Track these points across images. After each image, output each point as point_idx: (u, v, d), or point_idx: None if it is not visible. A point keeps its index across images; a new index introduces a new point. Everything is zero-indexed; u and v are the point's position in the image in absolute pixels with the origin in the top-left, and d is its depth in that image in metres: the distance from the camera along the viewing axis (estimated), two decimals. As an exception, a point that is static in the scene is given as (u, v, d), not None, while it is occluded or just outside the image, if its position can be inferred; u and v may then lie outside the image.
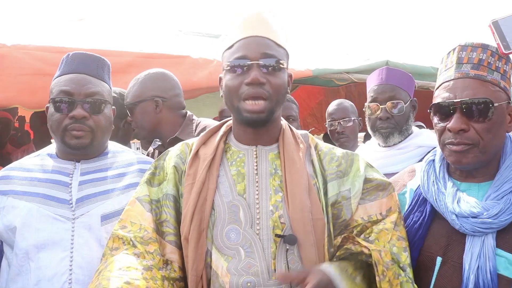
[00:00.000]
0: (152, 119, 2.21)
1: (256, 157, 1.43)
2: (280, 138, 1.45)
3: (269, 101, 1.34)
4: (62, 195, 1.56)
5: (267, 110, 1.34)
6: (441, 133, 1.36)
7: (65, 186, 1.59)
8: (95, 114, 1.61)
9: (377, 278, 1.26)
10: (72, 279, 1.47)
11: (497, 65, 1.33)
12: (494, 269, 1.24)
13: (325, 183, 1.42)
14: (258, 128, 1.41)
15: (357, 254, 1.34)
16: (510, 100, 1.35)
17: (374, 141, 2.30)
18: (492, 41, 1.35)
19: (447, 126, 1.32)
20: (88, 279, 1.44)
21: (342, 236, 1.37)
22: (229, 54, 1.39)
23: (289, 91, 1.44)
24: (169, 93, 2.23)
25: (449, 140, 1.33)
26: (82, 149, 1.61)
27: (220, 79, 1.44)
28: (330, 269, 1.25)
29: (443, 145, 1.37)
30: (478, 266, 1.25)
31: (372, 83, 2.24)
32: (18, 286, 1.49)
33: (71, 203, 1.55)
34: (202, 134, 1.51)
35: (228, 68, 1.36)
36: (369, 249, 1.29)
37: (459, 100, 1.31)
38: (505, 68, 1.34)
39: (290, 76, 1.45)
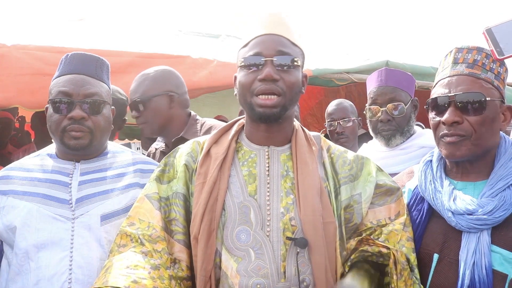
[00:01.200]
0: (165, 114, 2.19)
1: (268, 158, 1.42)
2: (292, 139, 1.44)
3: (282, 97, 1.33)
4: (62, 195, 1.56)
5: (280, 105, 1.33)
6: (436, 127, 1.41)
7: (65, 186, 1.59)
8: (94, 114, 1.60)
9: (394, 277, 1.26)
10: (72, 278, 1.46)
11: (491, 66, 1.38)
12: (489, 264, 1.27)
13: (336, 186, 1.41)
14: (271, 126, 1.40)
15: (369, 256, 1.35)
16: (504, 100, 1.40)
17: (377, 140, 2.30)
18: (486, 47, 1.39)
19: (442, 119, 1.37)
20: (88, 279, 1.46)
21: (357, 239, 1.37)
22: (244, 52, 1.39)
23: (303, 91, 1.43)
24: (180, 89, 2.24)
25: (443, 132, 1.37)
26: (81, 150, 1.61)
27: (235, 78, 1.44)
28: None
29: (438, 139, 1.41)
30: (474, 262, 1.28)
31: (371, 85, 2.24)
32: (18, 285, 1.49)
33: (71, 203, 1.55)
34: (213, 132, 1.50)
35: (243, 64, 1.36)
36: (388, 248, 1.29)
37: (453, 94, 1.36)
38: (499, 70, 1.39)
39: (305, 76, 1.44)
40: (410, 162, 2.01)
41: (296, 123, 1.49)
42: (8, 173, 1.63)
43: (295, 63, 1.35)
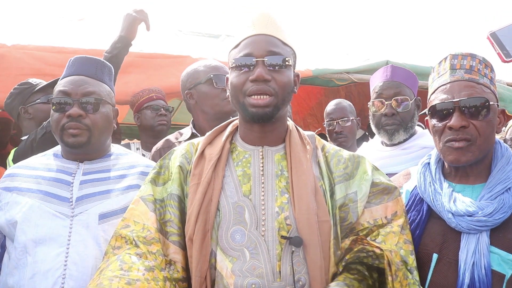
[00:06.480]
0: None
1: (262, 158, 1.42)
2: (286, 139, 1.44)
3: (274, 97, 1.33)
4: (63, 193, 1.60)
5: (273, 105, 1.33)
6: (440, 133, 1.41)
7: (67, 185, 1.62)
8: (92, 112, 1.63)
9: (389, 278, 1.26)
10: (66, 274, 1.48)
11: (485, 72, 1.41)
12: (488, 265, 1.29)
13: (331, 185, 1.40)
14: (264, 126, 1.40)
15: (365, 258, 1.34)
16: (498, 104, 1.42)
17: (378, 139, 2.28)
18: (491, 51, 1.40)
19: (448, 124, 1.37)
20: (82, 276, 1.47)
21: (351, 238, 1.37)
22: (235, 53, 1.39)
23: (296, 90, 1.43)
24: None
25: (450, 137, 1.37)
26: (79, 148, 1.63)
27: (227, 79, 1.44)
28: None
29: (443, 145, 1.40)
30: (474, 262, 1.30)
31: (376, 80, 2.21)
32: (14, 279, 1.51)
33: (71, 201, 1.58)
34: (207, 133, 1.51)
35: (234, 65, 1.35)
36: (381, 249, 1.29)
37: (458, 99, 1.36)
38: (491, 76, 1.43)
39: (297, 76, 1.44)
40: (411, 162, 1.99)
41: (290, 122, 1.49)
42: (15, 171, 1.69)
43: (287, 63, 1.35)
